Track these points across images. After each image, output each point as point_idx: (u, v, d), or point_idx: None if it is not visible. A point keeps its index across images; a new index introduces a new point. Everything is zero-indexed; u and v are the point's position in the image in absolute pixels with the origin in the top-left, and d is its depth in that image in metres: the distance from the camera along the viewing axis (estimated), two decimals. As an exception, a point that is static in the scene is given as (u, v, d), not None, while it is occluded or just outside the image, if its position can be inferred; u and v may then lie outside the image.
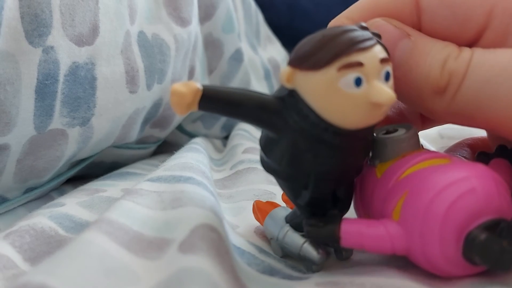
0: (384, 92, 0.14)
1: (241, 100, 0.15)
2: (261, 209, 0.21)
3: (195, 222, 0.17)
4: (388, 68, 0.14)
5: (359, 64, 0.14)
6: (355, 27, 0.15)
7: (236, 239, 0.21)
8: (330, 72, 0.14)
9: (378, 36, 0.15)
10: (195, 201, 0.20)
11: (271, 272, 0.18)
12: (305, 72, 0.14)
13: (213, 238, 0.17)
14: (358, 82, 0.14)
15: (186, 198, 0.20)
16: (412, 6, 0.18)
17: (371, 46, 0.14)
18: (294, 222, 0.19)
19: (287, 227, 0.19)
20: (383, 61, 0.14)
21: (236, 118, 0.16)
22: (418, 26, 0.18)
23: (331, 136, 0.15)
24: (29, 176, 0.27)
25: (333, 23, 0.18)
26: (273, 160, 0.16)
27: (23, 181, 0.27)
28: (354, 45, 0.14)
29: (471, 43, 0.17)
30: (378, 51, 0.14)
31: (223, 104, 0.15)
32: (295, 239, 0.18)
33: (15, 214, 0.27)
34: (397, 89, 0.15)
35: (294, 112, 0.15)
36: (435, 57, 0.16)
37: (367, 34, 0.14)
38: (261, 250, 0.20)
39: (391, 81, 0.15)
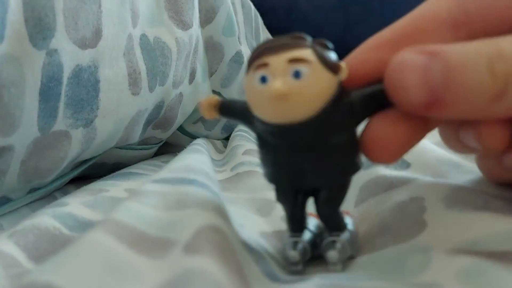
0: (271, 85, 0.15)
1: (238, 109, 0.18)
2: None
3: (199, 224, 0.18)
4: (299, 67, 0.15)
5: (265, 65, 0.16)
6: (285, 36, 0.16)
7: (245, 236, 0.21)
8: (250, 73, 0.16)
9: (322, 45, 0.16)
10: (199, 202, 0.20)
11: (273, 277, 0.18)
12: (245, 77, 0.17)
13: (218, 239, 0.17)
14: (263, 79, 0.16)
15: (190, 200, 0.20)
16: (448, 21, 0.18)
17: (282, 50, 0.16)
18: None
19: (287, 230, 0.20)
20: (292, 61, 0.15)
21: (240, 123, 0.19)
22: (464, 16, 0.18)
23: (265, 133, 0.17)
24: (33, 176, 0.27)
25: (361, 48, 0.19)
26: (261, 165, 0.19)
27: (27, 182, 0.28)
28: (265, 50, 0.16)
29: None
30: (290, 54, 0.16)
31: (231, 113, 0.19)
32: (285, 239, 0.19)
33: (19, 214, 0.28)
34: (451, 108, 0.15)
35: (252, 115, 0.17)
36: (476, 65, 0.15)
37: (288, 41, 0.16)
38: (265, 251, 0.21)
39: (305, 79, 0.15)
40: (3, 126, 0.23)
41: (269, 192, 0.29)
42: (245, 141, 0.43)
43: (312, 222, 0.20)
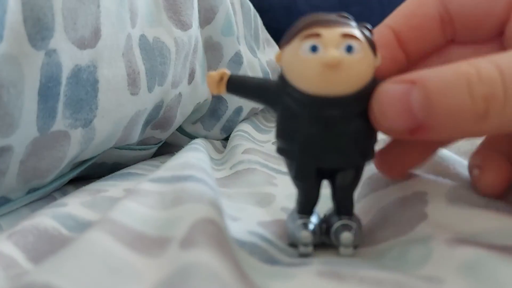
0: (330, 53, 0.16)
1: (253, 85, 0.18)
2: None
3: (194, 218, 0.18)
4: (352, 42, 0.16)
5: (317, 35, 0.16)
6: (332, 14, 0.17)
7: (236, 231, 0.21)
8: (295, 43, 0.16)
9: (366, 28, 0.17)
10: (194, 197, 0.20)
11: (272, 261, 0.19)
12: (283, 48, 0.17)
13: (212, 230, 0.17)
14: (314, 48, 0.16)
15: (186, 196, 0.20)
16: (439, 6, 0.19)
17: (335, 25, 0.16)
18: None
19: (294, 213, 0.20)
20: (345, 36, 0.16)
21: (252, 100, 0.19)
22: (447, 15, 0.19)
23: (301, 106, 0.17)
24: (32, 177, 0.27)
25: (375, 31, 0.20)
26: (275, 137, 0.18)
27: (26, 182, 0.27)
28: (317, 22, 0.16)
29: (502, 23, 0.18)
30: (343, 29, 0.16)
31: (242, 89, 0.18)
32: (294, 220, 0.19)
33: (18, 214, 0.28)
34: (435, 132, 0.16)
35: (281, 88, 0.17)
36: (455, 89, 0.15)
37: (337, 18, 0.17)
38: (263, 239, 0.21)
39: (356, 54, 0.16)
40: (2, 126, 0.23)
41: (269, 187, 0.29)
42: (245, 140, 0.43)
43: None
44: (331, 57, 0.16)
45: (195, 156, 0.28)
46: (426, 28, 0.20)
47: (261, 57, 0.54)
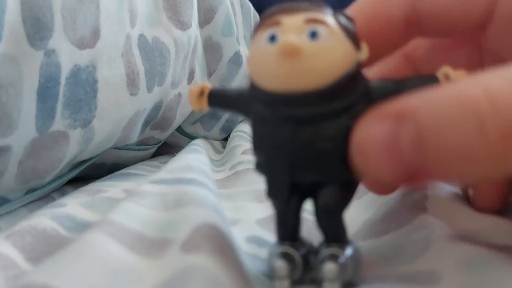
0: (285, 38, 0.13)
1: (232, 96, 0.16)
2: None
3: (196, 221, 0.18)
4: (317, 27, 0.13)
5: (277, 23, 0.14)
6: (303, 2, 0.14)
7: (236, 237, 0.21)
8: (257, 36, 0.14)
9: (344, 16, 0.14)
10: (197, 201, 0.20)
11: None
12: (250, 44, 0.15)
13: (215, 235, 0.17)
14: (272, 38, 0.14)
15: (188, 199, 0.20)
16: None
17: (299, 11, 0.14)
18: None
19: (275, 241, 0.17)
20: (309, 21, 0.13)
21: (233, 113, 0.17)
22: (414, 17, 0.16)
23: (266, 108, 0.14)
24: (30, 177, 0.27)
25: None
26: (252, 153, 0.16)
27: (24, 182, 0.27)
28: (280, 10, 0.14)
29: (482, 23, 0.15)
30: (307, 14, 0.14)
31: (223, 101, 0.17)
32: (272, 248, 0.16)
33: (16, 214, 0.28)
34: (435, 176, 0.13)
35: (250, 93, 0.15)
36: (459, 123, 0.11)
37: (306, 5, 0.14)
38: (261, 244, 0.21)
39: (322, 41, 0.13)
40: (1, 126, 0.23)
41: None
42: (244, 141, 0.43)
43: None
44: (286, 42, 0.13)
45: (196, 158, 0.28)
46: (388, 33, 0.17)
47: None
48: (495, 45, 0.16)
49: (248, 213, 0.25)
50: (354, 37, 0.14)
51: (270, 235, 0.22)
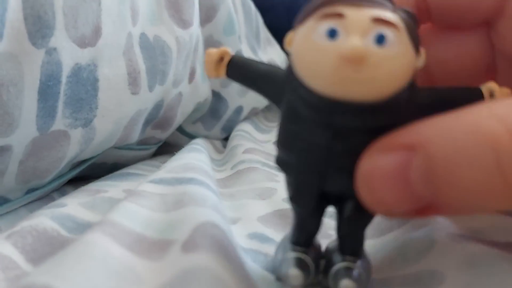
0: (351, 41, 0.11)
1: (259, 73, 0.14)
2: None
3: (196, 221, 0.17)
4: (385, 30, 0.12)
5: (339, 15, 0.12)
6: None
7: (238, 235, 0.21)
8: (310, 23, 0.12)
9: (407, 13, 0.13)
10: (197, 200, 0.20)
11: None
12: (296, 29, 0.13)
13: (215, 233, 0.17)
14: (332, 33, 0.12)
15: (188, 199, 0.20)
16: None
17: (364, 4, 0.12)
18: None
19: (286, 241, 0.16)
20: (377, 21, 0.12)
21: (254, 90, 0.15)
22: (423, 5, 0.15)
23: (307, 108, 0.13)
24: (31, 177, 0.27)
25: None
26: (275, 144, 0.15)
27: (25, 182, 0.27)
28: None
29: (493, 16, 0.15)
30: (374, 11, 0.12)
31: (245, 73, 0.15)
32: (285, 251, 0.15)
33: (16, 214, 0.27)
34: (447, 211, 0.12)
35: (287, 82, 0.13)
36: (475, 161, 0.10)
37: None
38: (264, 240, 0.21)
39: (390, 48, 0.12)
40: (1, 125, 0.23)
41: (270, 183, 0.29)
42: (245, 140, 0.43)
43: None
44: (352, 47, 0.11)
45: (196, 157, 0.28)
46: None
47: (262, 56, 0.54)
48: (507, 42, 0.15)
49: (249, 211, 0.25)
50: (417, 41, 0.13)
51: (272, 232, 0.22)
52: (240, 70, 0.14)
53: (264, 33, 0.59)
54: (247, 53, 0.50)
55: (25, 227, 0.21)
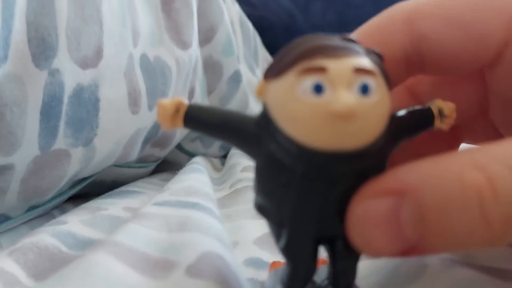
0: (341, 98, 0.11)
1: (223, 121, 0.14)
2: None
3: (201, 248, 0.18)
4: (367, 80, 0.12)
5: (322, 69, 0.12)
6: (333, 36, 0.13)
7: (236, 261, 0.21)
8: (289, 78, 0.12)
9: (375, 54, 0.13)
10: (202, 228, 0.20)
11: None
12: (271, 82, 0.13)
13: (220, 265, 0.17)
14: (318, 89, 0.12)
15: (192, 224, 0.20)
16: (404, 34, 0.15)
17: (343, 54, 0.12)
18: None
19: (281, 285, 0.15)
20: (359, 71, 0.12)
21: (218, 139, 0.15)
22: (416, 57, 0.15)
23: (294, 160, 0.13)
24: (32, 195, 0.28)
25: None
26: (255, 191, 0.14)
27: (26, 200, 0.28)
28: (320, 49, 0.12)
29: (491, 63, 0.15)
30: (354, 60, 0.12)
31: (205, 123, 0.14)
32: None
33: (17, 232, 0.28)
34: (434, 251, 0.13)
35: (265, 132, 0.13)
36: (460, 208, 0.11)
37: (344, 43, 0.12)
38: (260, 266, 0.21)
39: (373, 96, 0.12)
40: (5, 145, 0.24)
41: None
42: (243, 158, 0.43)
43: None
44: (345, 105, 0.11)
45: (199, 179, 0.28)
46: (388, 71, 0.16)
47: (260, 75, 0.55)
48: (502, 84, 0.15)
49: (246, 232, 0.25)
50: (388, 80, 0.13)
51: (268, 256, 0.22)
52: (199, 120, 0.14)
53: (262, 52, 0.60)
54: (245, 72, 0.50)
55: (26, 243, 0.21)
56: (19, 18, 0.23)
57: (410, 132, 0.14)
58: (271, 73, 0.13)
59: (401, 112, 0.14)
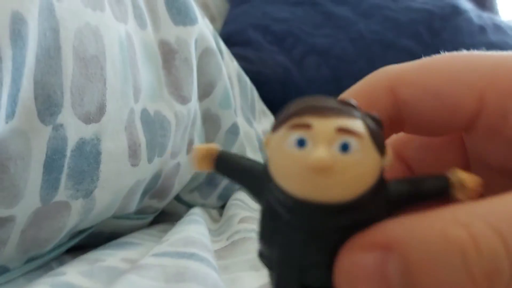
0: (317, 153, 0.13)
1: (242, 167, 0.15)
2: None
3: None
4: (348, 139, 0.13)
5: (306, 126, 0.13)
6: (331, 98, 0.14)
7: None
8: (281, 132, 0.13)
9: (372, 119, 0.14)
10: (199, 278, 0.20)
11: None
12: (272, 135, 0.14)
13: None
14: (301, 143, 0.13)
15: (189, 275, 0.20)
16: (387, 99, 0.17)
17: (330, 115, 0.13)
18: None
19: None
20: (341, 130, 0.13)
21: (239, 184, 0.16)
22: (398, 118, 0.17)
23: (283, 209, 0.14)
24: (31, 246, 0.28)
25: None
26: (257, 238, 0.15)
27: (25, 252, 0.28)
28: (309, 109, 0.13)
29: (466, 129, 0.16)
30: (339, 121, 0.13)
31: (231, 169, 0.16)
32: None
33: (15, 284, 0.28)
34: None
35: (266, 181, 0.14)
36: (445, 264, 0.12)
37: (337, 105, 0.14)
38: None
39: (353, 155, 0.13)
40: (7, 197, 0.24)
41: None
42: (241, 209, 0.43)
43: None
44: (317, 159, 0.13)
45: (196, 231, 0.29)
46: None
47: (257, 127, 0.56)
48: (479, 149, 0.17)
49: (243, 284, 0.25)
50: (381, 144, 0.14)
51: None
52: (227, 165, 0.16)
53: (259, 105, 0.61)
54: (243, 125, 0.52)
55: None
56: (27, 78, 0.24)
57: (417, 198, 0.15)
58: (273, 127, 0.14)
59: (408, 178, 0.15)
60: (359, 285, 0.13)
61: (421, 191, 0.14)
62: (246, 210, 0.44)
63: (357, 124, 0.13)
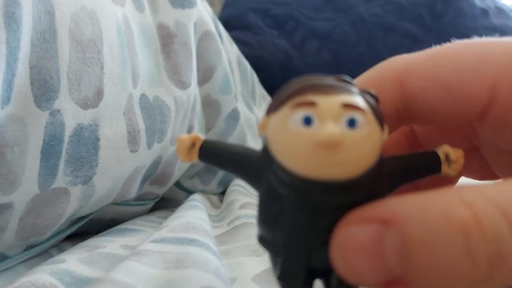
0: (327, 128, 0.12)
1: (231, 156, 0.15)
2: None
3: (200, 285, 0.18)
4: (355, 115, 0.13)
5: (311, 104, 0.13)
6: (328, 76, 0.14)
7: None
8: (284, 111, 0.13)
9: (370, 95, 0.14)
10: (199, 263, 0.20)
11: None
12: (270, 116, 0.14)
13: None
14: (307, 121, 0.13)
15: (190, 260, 0.20)
16: (395, 91, 0.16)
17: (334, 92, 0.13)
18: None
19: None
20: (347, 106, 0.13)
21: (230, 172, 0.16)
22: (405, 110, 0.16)
23: (288, 189, 0.13)
24: (30, 233, 0.28)
25: None
26: (257, 223, 0.15)
27: (24, 239, 0.28)
28: (312, 87, 0.13)
29: (477, 119, 0.16)
30: (343, 97, 0.13)
31: (217, 158, 0.15)
32: None
33: (14, 271, 0.28)
34: (419, 285, 0.12)
35: (265, 164, 0.14)
36: (445, 244, 0.11)
37: (336, 82, 0.14)
38: None
39: (360, 130, 0.13)
40: (4, 184, 0.24)
41: None
42: (242, 195, 0.43)
43: None
44: (329, 134, 0.12)
45: (196, 216, 0.29)
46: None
47: (257, 113, 0.56)
48: (491, 135, 0.16)
49: (244, 269, 0.25)
50: (381, 119, 0.14)
51: None
52: (212, 154, 0.15)
53: (260, 91, 0.61)
54: (243, 110, 0.51)
55: (24, 282, 0.21)
56: (23, 62, 0.24)
57: (412, 174, 0.15)
58: (270, 109, 0.14)
59: (403, 155, 0.15)
60: (353, 259, 0.12)
61: (415, 167, 0.15)
62: (246, 196, 0.44)
63: (360, 100, 0.13)
